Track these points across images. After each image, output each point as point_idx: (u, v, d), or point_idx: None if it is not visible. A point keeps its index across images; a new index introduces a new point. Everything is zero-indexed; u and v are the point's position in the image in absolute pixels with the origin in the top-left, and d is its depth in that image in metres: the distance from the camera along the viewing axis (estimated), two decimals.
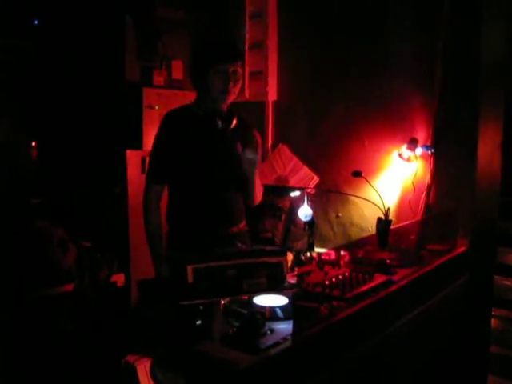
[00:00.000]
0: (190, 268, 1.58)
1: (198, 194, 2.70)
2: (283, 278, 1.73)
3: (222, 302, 1.88)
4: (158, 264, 2.66)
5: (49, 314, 3.49)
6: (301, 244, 3.87)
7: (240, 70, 2.65)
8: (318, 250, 3.52)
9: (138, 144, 4.02)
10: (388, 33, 3.78)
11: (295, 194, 2.78)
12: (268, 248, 1.97)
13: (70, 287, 3.62)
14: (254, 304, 2.09)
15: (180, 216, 2.74)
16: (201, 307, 1.83)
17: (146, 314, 2.94)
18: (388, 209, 2.78)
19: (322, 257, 2.67)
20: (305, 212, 2.76)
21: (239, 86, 2.68)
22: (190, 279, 1.58)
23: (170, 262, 2.54)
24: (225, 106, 2.70)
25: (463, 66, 3.52)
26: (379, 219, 2.77)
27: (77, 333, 3.57)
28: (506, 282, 4.03)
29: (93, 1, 4.05)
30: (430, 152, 3.60)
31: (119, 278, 3.92)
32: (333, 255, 2.62)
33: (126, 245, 3.97)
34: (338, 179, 4.06)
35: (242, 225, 2.84)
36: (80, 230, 3.85)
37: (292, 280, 2.10)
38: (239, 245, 2.59)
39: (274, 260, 1.71)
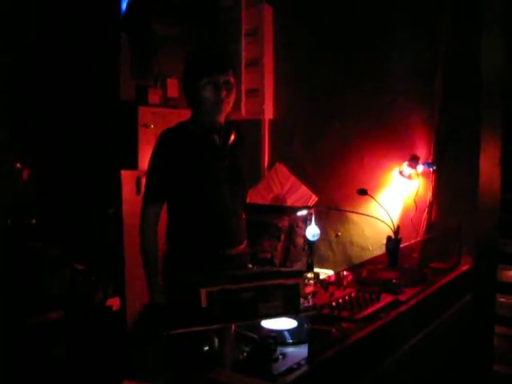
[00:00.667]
0: (203, 291, 1.49)
1: (198, 214, 2.62)
2: (299, 301, 1.65)
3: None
4: (154, 288, 2.57)
5: (41, 341, 3.38)
6: (300, 264, 3.80)
7: (232, 79, 2.57)
8: (317, 270, 3.46)
9: (133, 164, 3.93)
10: (387, 49, 3.77)
11: (302, 213, 2.69)
12: (283, 269, 1.89)
13: (63, 312, 3.50)
14: (262, 327, 2.02)
15: (180, 237, 2.66)
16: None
17: (152, 339, 2.83)
18: (398, 227, 2.72)
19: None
20: (312, 231, 2.68)
21: (233, 96, 2.60)
22: (204, 303, 1.50)
23: (175, 284, 2.45)
24: (221, 119, 2.62)
25: (463, 83, 3.52)
26: (389, 238, 2.72)
27: (71, 360, 3.46)
28: (503, 300, 3.98)
29: (87, 18, 3.98)
30: (431, 169, 3.57)
31: (115, 302, 3.80)
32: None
33: (122, 267, 3.88)
34: (337, 197, 4.01)
35: (243, 245, 2.76)
36: (74, 251, 3.75)
37: None
38: (250, 266, 2.51)
39: (290, 282, 1.62)
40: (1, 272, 3.36)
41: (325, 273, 3.82)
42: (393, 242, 2.72)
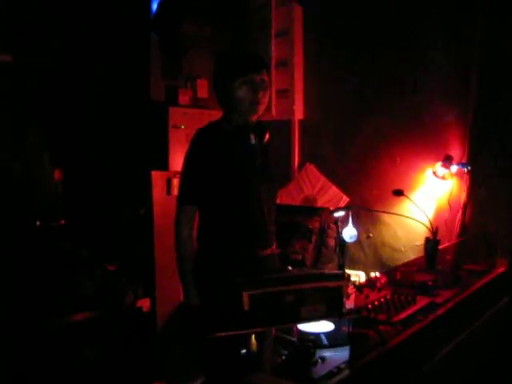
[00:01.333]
0: (245, 294, 1.47)
1: (234, 214, 2.58)
2: (342, 304, 1.62)
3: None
4: (189, 289, 2.54)
5: (72, 342, 3.39)
6: (331, 266, 3.77)
7: (267, 78, 2.55)
8: (348, 271, 3.43)
9: (163, 165, 3.93)
10: (419, 47, 3.72)
11: (337, 214, 2.65)
12: (327, 271, 1.87)
13: (94, 313, 3.51)
14: (298, 330, 1.99)
15: (214, 237, 2.62)
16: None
17: (186, 341, 2.83)
18: (437, 228, 2.67)
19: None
20: (349, 233, 2.65)
21: (268, 95, 2.57)
22: (246, 306, 1.47)
23: (212, 286, 2.43)
24: (255, 118, 2.60)
25: (498, 82, 3.44)
26: (427, 239, 2.67)
27: (101, 361, 3.46)
28: None
29: (117, 19, 4.00)
30: (465, 169, 3.52)
31: (145, 303, 3.83)
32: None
33: (152, 268, 3.87)
34: (368, 198, 3.97)
35: (274, 246, 2.73)
36: (105, 252, 3.76)
37: None
38: (289, 268, 2.48)
39: (333, 284, 1.60)
40: (30, 273, 3.38)
41: (356, 274, 3.80)
42: (431, 244, 2.67)
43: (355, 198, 4.02)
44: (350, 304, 2.15)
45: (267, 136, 2.59)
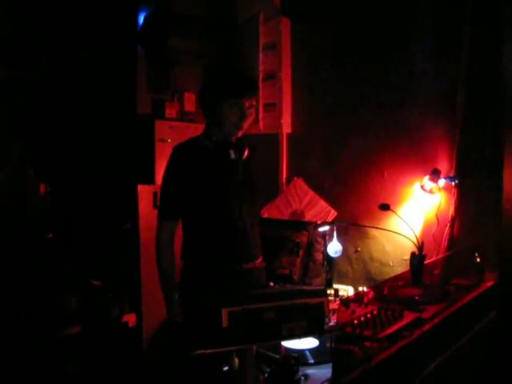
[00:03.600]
0: (225, 311, 1.44)
1: (214, 229, 2.58)
2: (324, 321, 1.59)
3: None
4: (171, 306, 2.53)
5: (58, 358, 3.35)
6: (319, 280, 3.75)
7: (255, 102, 2.56)
8: (336, 286, 3.41)
9: (149, 178, 3.91)
10: (407, 62, 3.72)
11: (322, 228, 2.63)
12: (307, 288, 1.84)
13: (79, 329, 3.47)
14: (282, 346, 1.96)
15: (197, 252, 2.61)
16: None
17: (169, 358, 2.79)
18: (422, 243, 2.65)
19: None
20: (334, 248, 2.63)
21: (252, 118, 2.58)
22: (225, 323, 1.44)
23: (194, 303, 2.40)
24: (235, 138, 2.60)
25: (485, 96, 3.45)
26: (413, 254, 2.65)
27: (86, 377, 3.42)
28: None
29: (104, 32, 3.98)
30: (453, 183, 3.51)
31: (130, 318, 3.79)
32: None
33: (138, 283, 3.84)
34: (356, 212, 3.96)
35: (259, 261, 2.72)
36: (90, 267, 3.72)
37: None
38: (271, 283, 2.46)
39: (314, 301, 1.57)
40: (15, 288, 3.34)
41: (344, 289, 3.77)
42: (417, 258, 2.65)
43: (343, 212, 4.01)
44: (338, 320, 2.14)
45: (246, 152, 2.59)
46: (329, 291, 2.77)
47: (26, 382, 3.17)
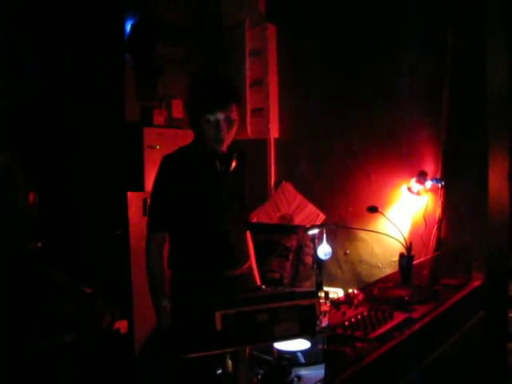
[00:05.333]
0: (218, 314, 1.46)
1: (201, 238, 2.61)
2: (316, 322, 1.62)
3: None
4: (160, 311, 2.55)
5: (49, 366, 3.33)
6: (309, 283, 3.77)
7: (234, 113, 2.52)
8: (326, 288, 3.42)
9: (139, 185, 3.93)
10: (393, 66, 3.75)
11: (311, 231, 2.66)
12: (299, 290, 1.86)
13: (70, 337, 3.46)
14: (275, 348, 1.99)
15: (183, 260, 2.64)
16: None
17: (161, 362, 2.80)
18: (411, 244, 2.69)
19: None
20: (324, 250, 2.65)
21: (235, 128, 2.57)
22: (219, 326, 1.46)
23: (186, 307, 2.42)
24: (225, 147, 2.61)
25: (470, 97, 3.48)
26: (401, 255, 2.68)
27: None
28: None
29: (92, 40, 3.99)
30: (439, 185, 3.53)
31: (122, 325, 3.78)
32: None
33: (129, 290, 3.85)
34: (345, 215, 3.98)
35: (246, 266, 2.74)
36: (81, 275, 3.72)
37: None
38: (263, 287, 2.48)
39: (305, 303, 1.59)
40: (5, 296, 3.33)
41: (334, 291, 3.79)
42: (406, 259, 2.68)
43: (332, 215, 4.04)
44: (329, 321, 2.16)
45: (234, 164, 2.59)
46: (319, 294, 2.78)
47: None
